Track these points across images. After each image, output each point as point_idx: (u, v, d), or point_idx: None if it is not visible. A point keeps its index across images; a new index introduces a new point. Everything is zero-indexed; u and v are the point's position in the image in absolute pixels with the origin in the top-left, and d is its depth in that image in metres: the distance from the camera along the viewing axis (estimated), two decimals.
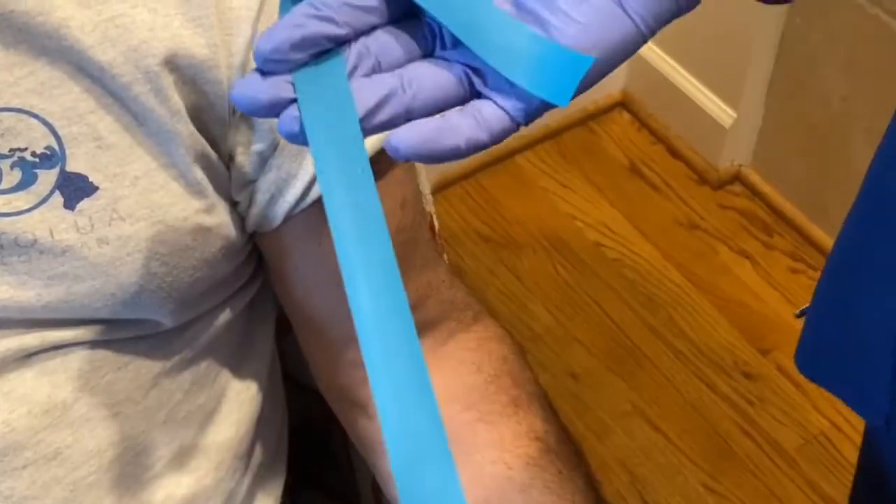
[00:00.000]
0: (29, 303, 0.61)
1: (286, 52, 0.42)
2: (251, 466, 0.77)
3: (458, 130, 0.43)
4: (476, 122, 0.43)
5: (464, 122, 0.43)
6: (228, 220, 0.66)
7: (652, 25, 0.44)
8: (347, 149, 0.43)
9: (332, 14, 0.43)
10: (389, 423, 0.40)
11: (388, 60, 0.44)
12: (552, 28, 0.43)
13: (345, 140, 0.43)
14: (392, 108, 0.43)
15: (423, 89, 0.43)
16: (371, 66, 0.44)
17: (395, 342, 0.41)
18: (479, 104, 0.44)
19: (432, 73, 0.44)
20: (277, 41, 0.42)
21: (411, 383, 0.40)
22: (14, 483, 0.64)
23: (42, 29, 0.58)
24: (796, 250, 1.79)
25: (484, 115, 0.43)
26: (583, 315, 1.71)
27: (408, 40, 0.44)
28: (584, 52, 0.43)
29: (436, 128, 0.43)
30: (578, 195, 1.87)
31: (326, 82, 0.43)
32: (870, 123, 1.61)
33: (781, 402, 1.62)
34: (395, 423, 0.40)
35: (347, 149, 0.43)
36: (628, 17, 0.43)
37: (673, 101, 1.89)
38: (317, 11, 0.43)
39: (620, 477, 1.55)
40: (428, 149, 0.42)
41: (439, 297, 0.72)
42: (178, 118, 0.61)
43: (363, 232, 0.42)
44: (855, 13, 1.55)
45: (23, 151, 0.59)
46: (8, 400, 0.63)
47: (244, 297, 0.72)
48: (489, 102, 0.43)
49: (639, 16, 0.44)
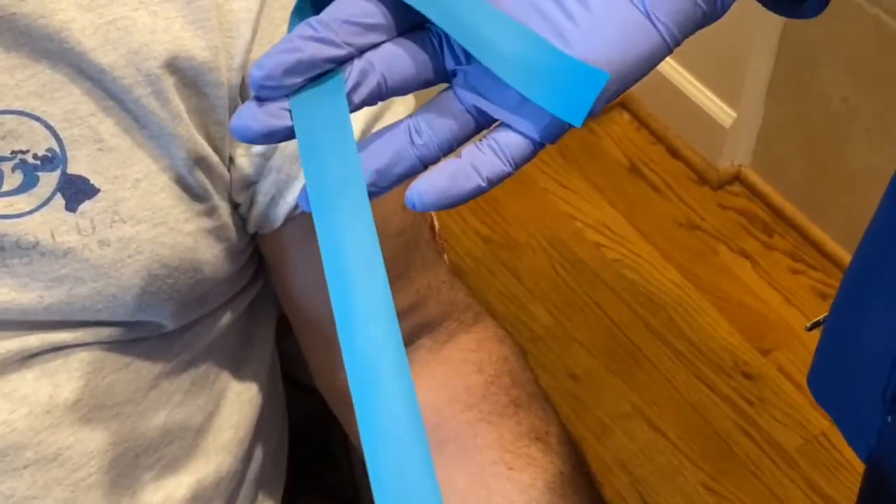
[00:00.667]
0: (30, 305, 0.61)
1: (279, 77, 0.42)
2: (252, 467, 0.77)
3: (479, 169, 0.41)
4: (496, 155, 0.42)
5: (483, 158, 0.42)
6: (229, 221, 0.66)
7: (678, 37, 0.43)
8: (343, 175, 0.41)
9: (331, 35, 0.42)
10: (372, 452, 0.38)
11: (394, 76, 0.43)
12: (574, 39, 0.41)
13: (340, 166, 0.41)
14: (405, 163, 0.42)
15: (433, 137, 0.42)
16: (377, 81, 0.43)
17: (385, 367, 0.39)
18: (496, 133, 0.42)
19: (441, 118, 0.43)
20: (270, 67, 0.41)
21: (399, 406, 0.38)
22: (15, 483, 0.64)
23: (43, 32, 0.58)
24: (796, 250, 1.79)
25: (502, 144, 0.42)
26: (582, 315, 1.71)
27: (416, 53, 0.43)
28: (608, 64, 0.41)
29: (455, 173, 0.41)
30: (578, 195, 1.87)
31: (324, 105, 0.41)
32: (870, 123, 1.61)
33: (781, 402, 1.62)
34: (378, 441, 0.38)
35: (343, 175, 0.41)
36: (655, 29, 0.42)
37: (673, 100, 1.89)
38: (314, 33, 0.42)
39: (620, 478, 1.55)
40: (451, 196, 0.41)
41: (440, 297, 0.72)
42: (179, 121, 0.61)
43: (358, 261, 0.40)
44: (855, 13, 1.55)
45: (24, 154, 0.59)
46: (9, 400, 0.63)
47: (245, 299, 0.72)
48: (506, 129, 0.42)
49: (665, 27, 0.42)
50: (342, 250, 0.40)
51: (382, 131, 0.43)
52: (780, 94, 1.75)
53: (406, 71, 0.43)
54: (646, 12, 0.42)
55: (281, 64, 0.42)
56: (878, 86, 1.58)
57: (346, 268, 0.40)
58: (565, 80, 0.41)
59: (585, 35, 0.41)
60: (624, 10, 0.42)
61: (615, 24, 0.42)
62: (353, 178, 0.41)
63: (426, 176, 0.41)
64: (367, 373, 0.39)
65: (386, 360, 0.39)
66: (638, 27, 0.42)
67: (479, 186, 0.41)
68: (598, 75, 0.41)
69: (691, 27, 0.43)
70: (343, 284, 0.40)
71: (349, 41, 0.42)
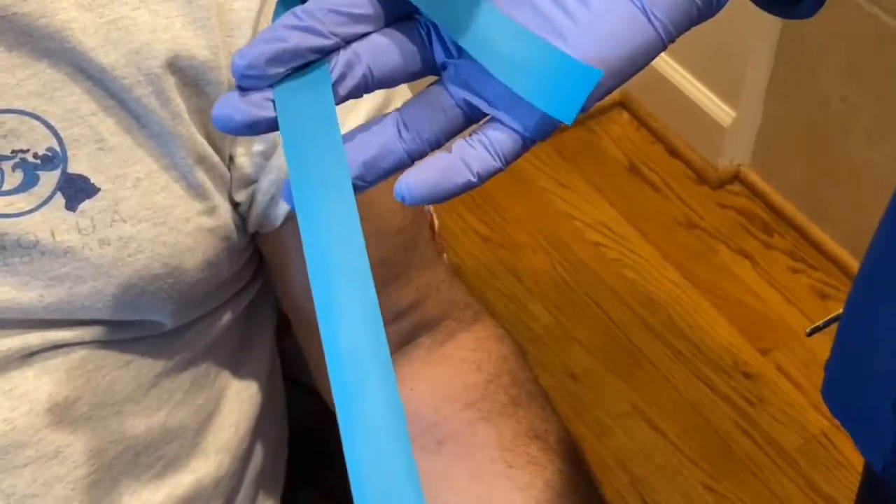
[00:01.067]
0: (31, 303, 0.61)
1: (262, 66, 0.41)
2: (251, 467, 0.77)
3: (469, 164, 0.41)
4: (487, 151, 0.41)
5: (474, 153, 0.41)
6: (230, 221, 0.66)
7: (673, 33, 0.42)
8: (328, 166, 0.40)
9: (317, 24, 0.41)
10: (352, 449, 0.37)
11: (381, 68, 0.42)
12: (570, 35, 0.41)
13: (326, 157, 0.40)
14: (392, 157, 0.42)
15: (421, 131, 0.42)
16: (363, 73, 0.42)
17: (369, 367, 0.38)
18: (487, 129, 0.42)
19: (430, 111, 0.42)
20: (252, 56, 0.41)
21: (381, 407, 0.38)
22: (15, 481, 0.64)
23: (44, 31, 0.58)
24: (796, 250, 1.79)
25: (492, 139, 0.41)
26: (582, 315, 1.71)
27: (404, 44, 0.43)
28: (602, 60, 0.41)
29: (445, 167, 0.41)
30: (577, 195, 1.87)
31: (308, 96, 0.40)
32: (869, 123, 1.61)
33: (781, 401, 1.62)
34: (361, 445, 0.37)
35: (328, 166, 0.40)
36: (651, 25, 0.41)
37: (672, 100, 1.89)
38: (299, 22, 0.41)
39: (620, 477, 1.55)
40: (441, 190, 0.40)
41: (439, 296, 0.72)
42: (180, 120, 0.61)
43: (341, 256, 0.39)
44: (854, 12, 1.55)
45: (25, 153, 0.59)
46: (9, 398, 0.63)
47: (245, 298, 0.72)
48: (496, 124, 0.42)
49: (661, 23, 0.42)
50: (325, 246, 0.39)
51: (369, 124, 0.43)
52: (779, 93, 1.75)
53: (393, 63, 0.42)
54: (643, 8, 0.41)
55: (264, 53, 0.41)
56: (877, 85, 1.58)
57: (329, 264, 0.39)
58: (556, 77, 0.40)
59: (583, 31, 0.41)
60: (621, 5, 0.41)
61: (612, 20, 0.41)
62: (337, 172, 0.40)
63: (416, 169, 0.41)
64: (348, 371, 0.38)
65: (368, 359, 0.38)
66: (634, 23, 0.41)
67: (470, 181, 0.41)
68: (590, 73, 0.40)
69: (686, 24, 0.43)
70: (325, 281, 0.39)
71: (335, 31, 0.41)
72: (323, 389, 0.76)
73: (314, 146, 0.40)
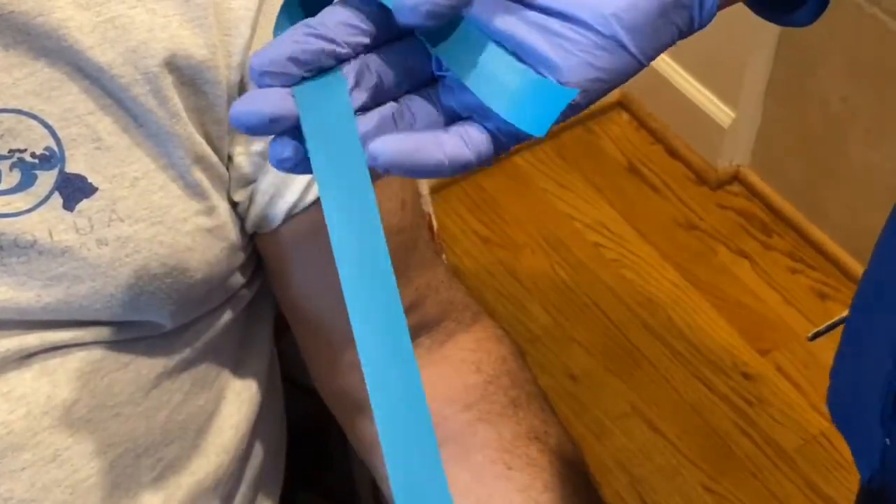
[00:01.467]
0: (28, 304, 0.61)
1: (283, 64, 0.42)
2: (250, 467, 0.77)
3: (442, 146, 0.42)
4: (462, 141, 0.43)
5: (449, 140, 0.43)
6: (228, 221, 0.66)
7: (651, 55, 0.44)
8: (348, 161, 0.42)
9: (331, 34, 0.42)
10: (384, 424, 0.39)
11: (389, 78, 0.44)
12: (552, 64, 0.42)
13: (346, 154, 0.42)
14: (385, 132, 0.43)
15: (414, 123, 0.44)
16: (374, 83, 0.43)
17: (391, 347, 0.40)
18: (466, 124, 0.43)
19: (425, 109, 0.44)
20: (273, 55, 0.42)
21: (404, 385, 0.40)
22: (13, 485, 0.63)
23: (42, 30, 0.58)
24: (795, 250, 1.79)
25: (470, 134, 0.43)
26: (581, 315, 1.71)
27: (408, 59, 0.44)
28: (581, 83, 0.42)
29: (419, 141, 0.42)
30: (577, 195, 1.87)
31: (327, 97, 0.42)
32: (869, 123, 1.61)
33: (780, 402, 1.62)
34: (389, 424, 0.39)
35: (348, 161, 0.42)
36: (627, 52, 0.43)
37: (671, 100, 1.89)
38: (314, 30, 0.42)
39: (619, 478, 1.55)
40: (411, 161, 0.42)
41: (438, 297, 0.72)
42: (178, 119, 0.61)
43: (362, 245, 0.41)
44: (854, 13, 1.55)
45: (22, 153, 0.59)
46: (7, 400, 0.63)
47: (244, 299, 0.72)
48: (475, 124, 0.43)
49: (639, 49, 0.43)
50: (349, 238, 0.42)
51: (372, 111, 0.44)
52: (778, 93, 1.75)
53: (400, 74, 0.44)
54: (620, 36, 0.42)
55: (285, 52, 0.42)
56: (877, 85, 1.58)
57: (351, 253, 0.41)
58: (531, 96, 0.42)
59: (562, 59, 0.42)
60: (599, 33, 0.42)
61: (591, 51, 0.42)
62: (357, 167, 0.42)
63: (393, 137, 0.42)
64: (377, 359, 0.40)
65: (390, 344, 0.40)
66: (613, 52, 0.43)
67: (441, 163, 0.42)
68: (564, 93, 0.42)
69: (668, 44, 0.44)
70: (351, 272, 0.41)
71: (347, 41, 0.43)
72: (321, 390, 0.76)
73: (335, 144, 0.42)
